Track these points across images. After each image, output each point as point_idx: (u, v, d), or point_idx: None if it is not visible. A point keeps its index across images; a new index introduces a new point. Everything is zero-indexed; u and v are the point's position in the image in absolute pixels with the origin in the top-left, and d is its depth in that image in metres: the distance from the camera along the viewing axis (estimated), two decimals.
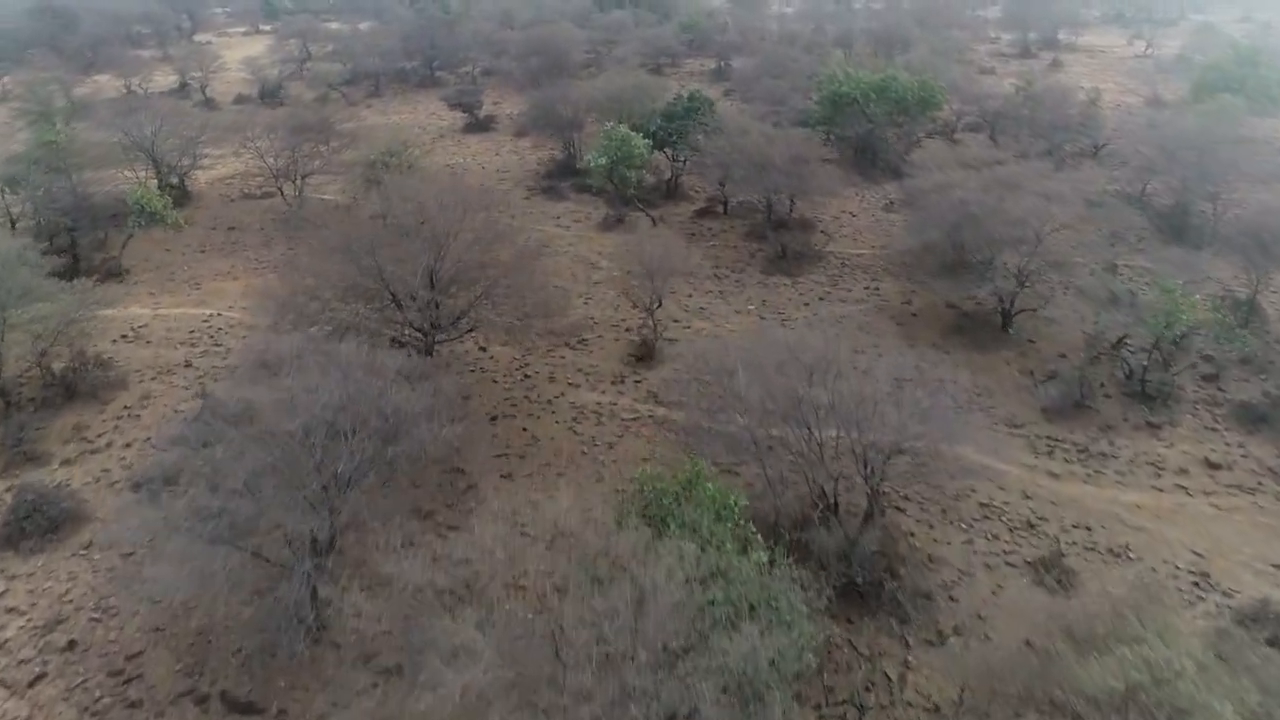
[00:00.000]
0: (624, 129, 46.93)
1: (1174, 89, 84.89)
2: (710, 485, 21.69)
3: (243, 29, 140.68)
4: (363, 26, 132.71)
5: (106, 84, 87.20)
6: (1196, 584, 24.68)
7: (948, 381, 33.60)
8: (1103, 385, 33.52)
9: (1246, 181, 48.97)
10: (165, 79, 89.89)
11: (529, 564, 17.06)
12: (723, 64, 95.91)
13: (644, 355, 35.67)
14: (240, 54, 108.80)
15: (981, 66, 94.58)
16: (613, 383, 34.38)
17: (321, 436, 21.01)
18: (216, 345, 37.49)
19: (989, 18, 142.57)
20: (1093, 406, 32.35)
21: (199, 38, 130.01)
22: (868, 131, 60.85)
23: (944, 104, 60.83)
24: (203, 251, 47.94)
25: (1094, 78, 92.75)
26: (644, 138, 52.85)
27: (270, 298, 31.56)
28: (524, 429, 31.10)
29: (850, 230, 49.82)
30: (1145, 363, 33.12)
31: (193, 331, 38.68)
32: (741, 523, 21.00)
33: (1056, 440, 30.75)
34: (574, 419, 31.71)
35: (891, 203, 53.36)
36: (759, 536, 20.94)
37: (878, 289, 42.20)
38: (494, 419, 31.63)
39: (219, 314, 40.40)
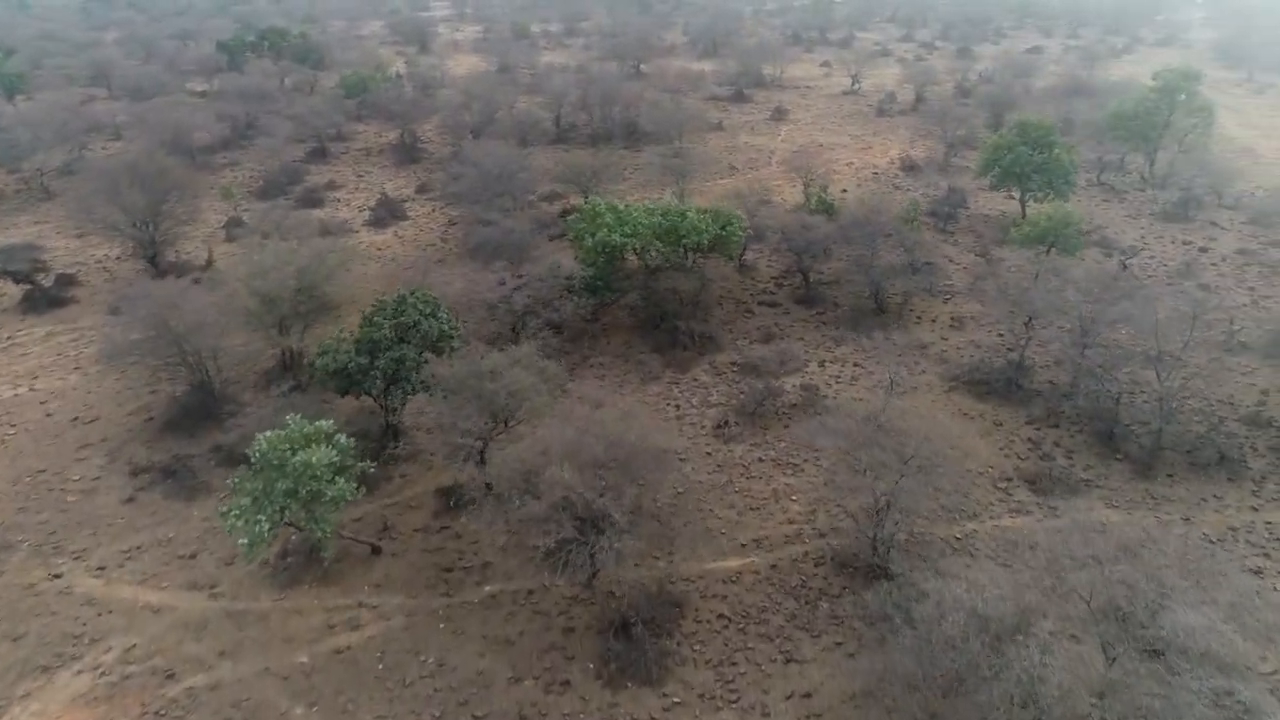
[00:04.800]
0: (300, 452, 22.93)
1: (903, 143, 74.45)
2: None
3: None
4: None
5: None
6: None
7: None
8: None
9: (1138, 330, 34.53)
10: None
11: None
12: (408, 137, 71.71)
13: None
14: None
15: (709, 122, 78.82)
16: None
17: None
18: None
19: (675, 43, 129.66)
20: None
21: None
22: (650, 283, 41.51)
23: (742, 236, 42.91)
24: None
25: (824, 129, 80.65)
26: (334, 371, 29.86)
27: None
28: None
29: (691, 503, 30.13)
30: None
31: None
32: None
33: None
34: None
35: (726, 423, 34.45)
36: None
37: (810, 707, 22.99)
38: None
39: None
